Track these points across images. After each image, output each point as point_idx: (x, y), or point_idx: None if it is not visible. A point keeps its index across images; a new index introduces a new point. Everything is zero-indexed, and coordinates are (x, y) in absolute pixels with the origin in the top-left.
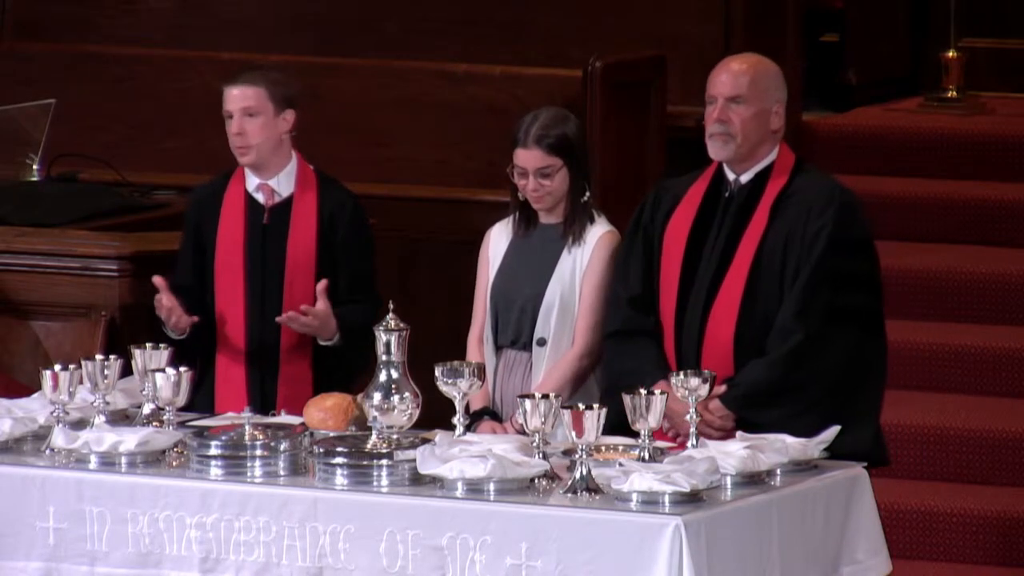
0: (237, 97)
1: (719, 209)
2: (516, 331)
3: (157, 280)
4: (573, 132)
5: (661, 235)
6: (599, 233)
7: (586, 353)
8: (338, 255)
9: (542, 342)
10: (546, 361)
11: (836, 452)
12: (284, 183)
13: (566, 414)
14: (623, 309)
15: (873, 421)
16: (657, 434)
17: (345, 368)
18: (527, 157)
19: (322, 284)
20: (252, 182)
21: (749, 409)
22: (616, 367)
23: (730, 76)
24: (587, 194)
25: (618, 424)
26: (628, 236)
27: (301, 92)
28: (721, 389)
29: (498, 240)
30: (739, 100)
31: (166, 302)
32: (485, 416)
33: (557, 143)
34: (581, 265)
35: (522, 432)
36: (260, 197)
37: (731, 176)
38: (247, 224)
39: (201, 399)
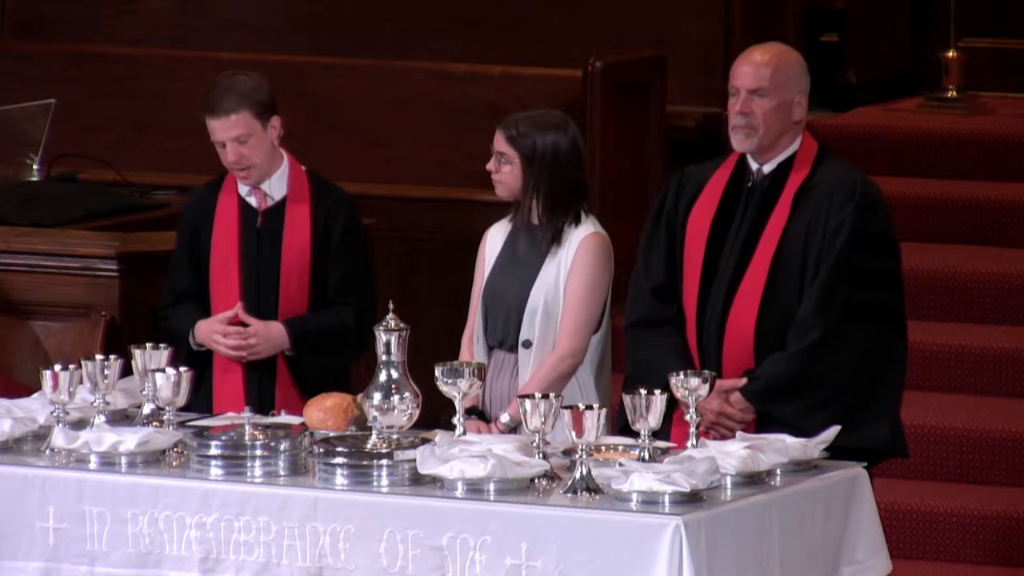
0: (224, 128)
1: (742, 199)
2: (504, 332)
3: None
4: (547, 143)
5: (684, 223)
6: (583, 235)
7: (568, 354)
8: (331, 257)
9: (527, 344)
10: (531, 363)
11: (852, 446)
12: (276, 186)
13: (566, 414)
14: (645, 299)
15: (891, 416)
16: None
17: (322, 371)
18: (495, 138)
19: (239, 306)
20: (244, 187)
21: (769, 403)
22: (638, 357)
23: (752, 68)
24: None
25: None
26: (650, 224)
27: (278, 91)
28: (741, 382)
29: (494, 240)
30: (761, 92)
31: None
32: (472, 415)
33: (519, 139)
34: (565, 268)
35: (506, 433)
36: (253, 201)
37: (754, 166)
38: (241, 229)
39: (198, 401)
